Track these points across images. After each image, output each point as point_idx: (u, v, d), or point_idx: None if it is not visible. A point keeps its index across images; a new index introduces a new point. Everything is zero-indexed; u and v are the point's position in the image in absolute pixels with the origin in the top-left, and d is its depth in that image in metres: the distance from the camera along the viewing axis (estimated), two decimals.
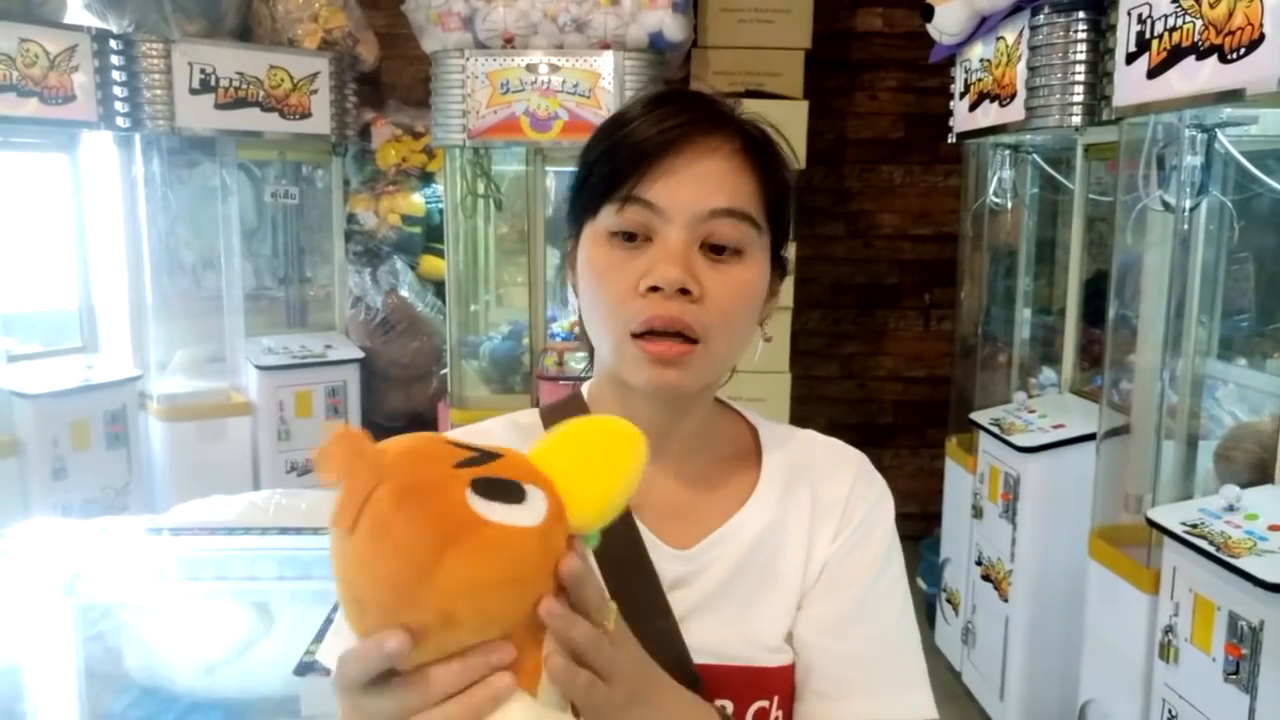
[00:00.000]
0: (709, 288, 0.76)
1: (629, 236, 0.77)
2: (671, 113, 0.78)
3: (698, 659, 0.79)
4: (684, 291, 0.74)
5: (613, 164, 0.77)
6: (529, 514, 0.56)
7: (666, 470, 0.84)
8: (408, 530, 0.54)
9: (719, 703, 0.79)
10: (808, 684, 0.83)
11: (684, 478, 0.86)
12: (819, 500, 0.87)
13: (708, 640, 0.80)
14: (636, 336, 0.76)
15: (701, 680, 0.78)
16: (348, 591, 0.57)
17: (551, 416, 0.87)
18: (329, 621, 1.73)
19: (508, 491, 0.56)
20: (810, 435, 0.92)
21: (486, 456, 0.58)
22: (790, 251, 0.88)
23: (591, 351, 0.89)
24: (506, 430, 0.87)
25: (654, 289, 0.75)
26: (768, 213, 0.80)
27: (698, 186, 0.76)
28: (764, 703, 0.82)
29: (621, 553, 0.79)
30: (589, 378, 0.91)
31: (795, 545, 0.85)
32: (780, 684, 0.82)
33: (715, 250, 0.77)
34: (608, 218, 0.78)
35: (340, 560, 0.57)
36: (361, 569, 0.55)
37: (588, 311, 0.82)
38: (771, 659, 0.82)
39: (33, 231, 3.60)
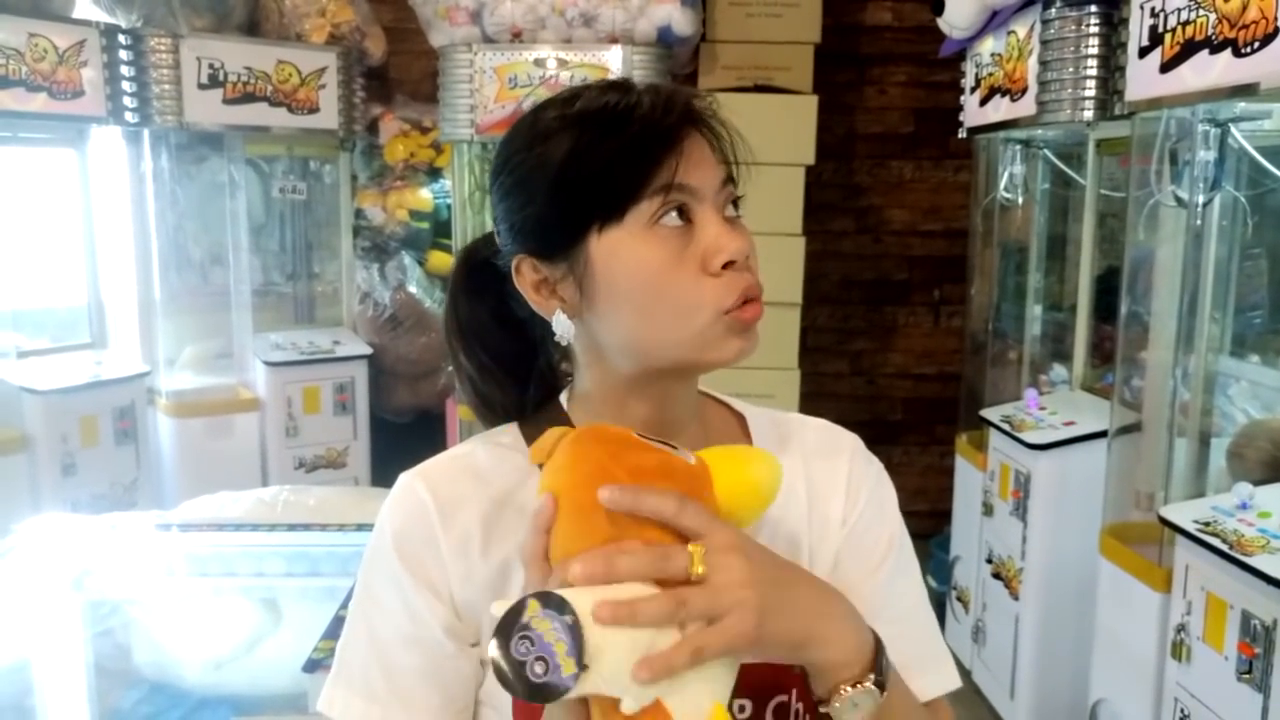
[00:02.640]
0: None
1: (683, 217, 0.76)
2: (658, 96, 0.77)
3: None
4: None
5: (645, 156, 0.74)
6: (682, 455, 0.71)
7: None
8: (592, 436, 0.71)
9: (738, 702, 0.78)
10: None
11: None
12: (815, 483, 0.86)
13: None
14: (729, 312, 0.76)
15: None
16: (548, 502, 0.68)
17: (531, 431, 0.84)
18: (338, 619, 1.73)
19: (667, 442, 0.71)
20: (798, 418, 0.92)
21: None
22: (799, 243, 0.88)
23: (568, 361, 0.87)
24: (489, 452, 0.84)
25: (728, 264, 0.76)
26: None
27: (708, 162, 0.77)
28: (783, 697, 0.81)
29: None
30: None
31: (797, 531, 0.84)
32: (798, 678, 0.80)
33: (729, 217, 0.78)
34: (644, 212, 0.74)
35: (543, 480, 0.70)
36: (556, 470, 0.69)
37: (639, 314, 0.77)
38: None
39: (41, 227, 3.61)
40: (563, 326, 0.79)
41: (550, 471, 0.69)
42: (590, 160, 0.75)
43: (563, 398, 0.87)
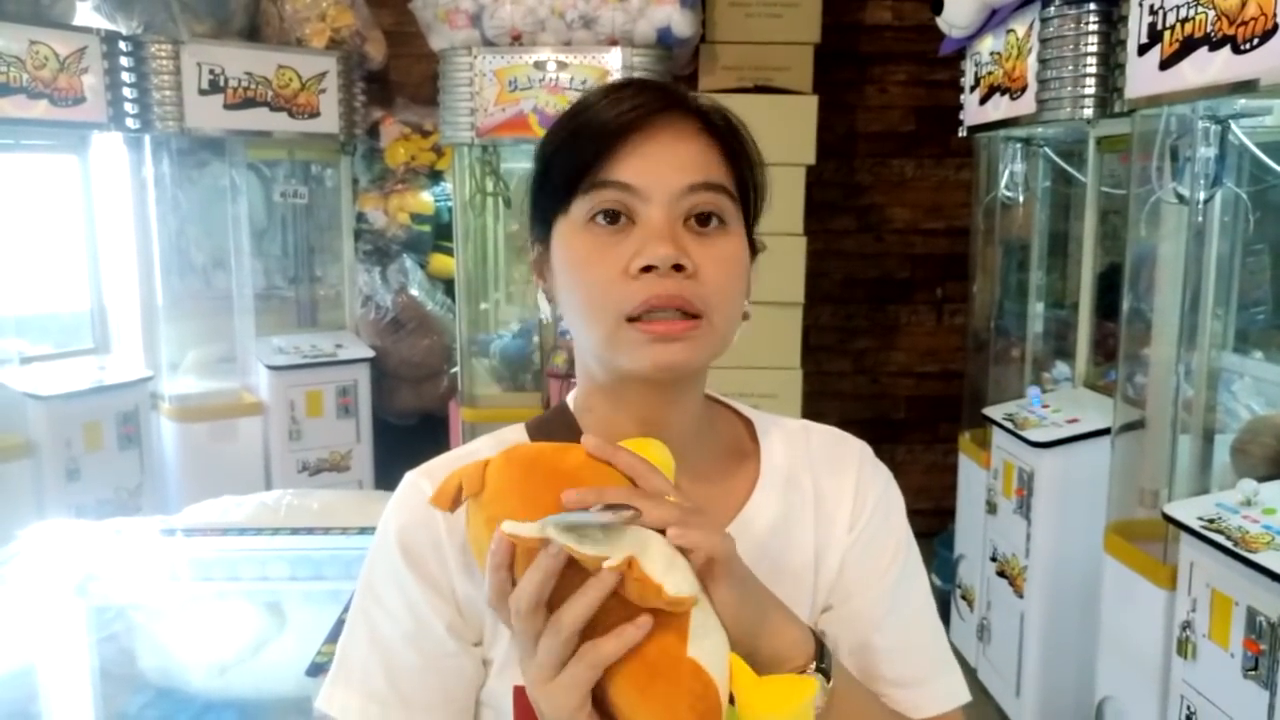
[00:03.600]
0: (699, 262, 0.74)
1: (612, 217, 0.74)
2: (629, 95, 0.76)
3: None
4: (678, 269, 0.73)
5: (577, 150, 0.75)
6: None
7: None
8: (522, 453, 0.69)
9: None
10: None
11: (684, 474, 0.85)
12: (822, 489, 0.86)
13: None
14: (633, 320, 0.73)
15: None
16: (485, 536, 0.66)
17: (539, 432, 0.85)
18: (340, 622, 1.73)
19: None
20: (805, 425, 0.91)
21: None
22: (801, 243, 0.87)
23: (571, 360, 0.87)
24: (494, 448, 0.83)
25: (646, 269, 0.73)
26: (738, 189, 0.79)
27: (670, 163, 0.75)
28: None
29: None
30: None
31: (803, 537, 0.84)
32: None
33: (699, 224, 0.75)
34: (582, 205, 0.75)
35: (483, 513, 0.67)
36: (499, 496, 0.66)
37: (571, 306, 0.78)
38: None
39: (44, 233, 3.62)
40: (543, 305, 0.83)
41: (494, 499, 0.66)
42: (545, 150, 0.79)
43: (570, 399, 0.87)
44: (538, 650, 0.62)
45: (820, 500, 0.85)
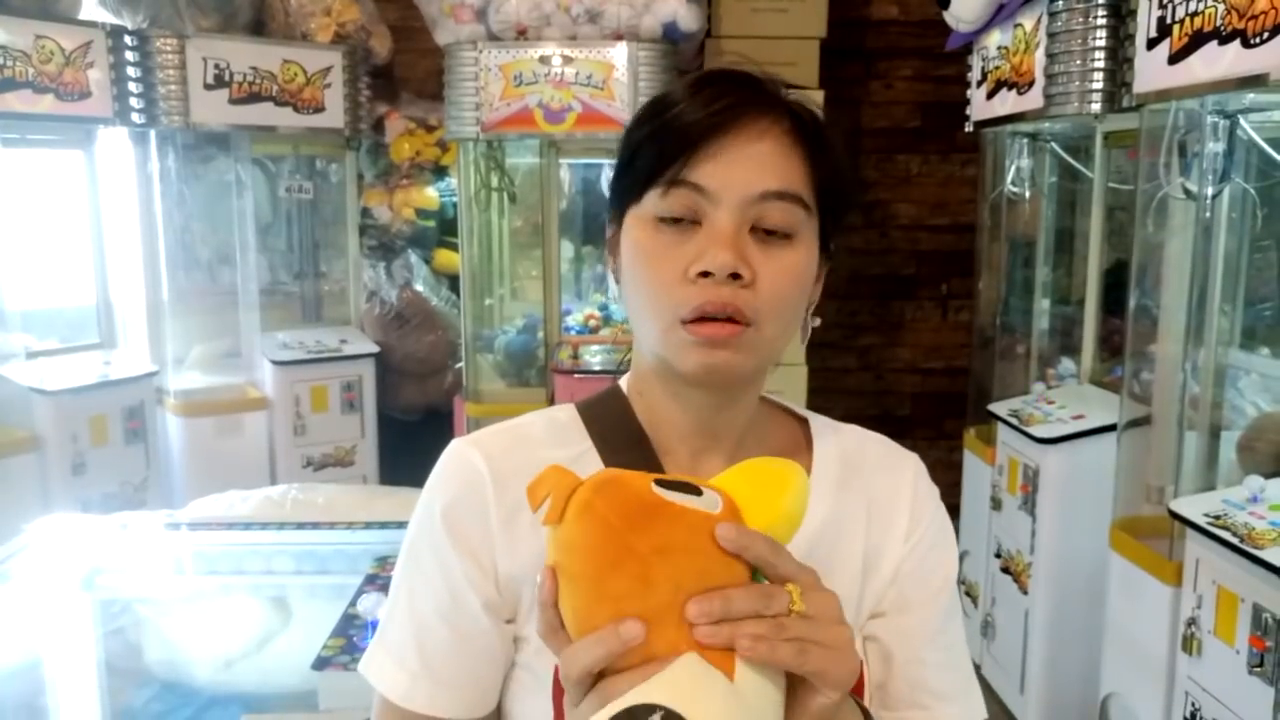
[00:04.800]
0: (760, 272, 0.74)
1: (676, 221, 0.75)
2: (718, 93, 0.76)
3: None
4: (735, 276, 0.73)
5: (659, 147, 0.75)
6: (707, 504, 0.64)
7: (717, 465, 0.82)
8: (607, 506, 0.62)
9: None
10: (903, 695, 0.83)
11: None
12: (875, 495, 0.86)
13: None
14: (686, 323, 0.74)
15: None
16: (560, 576, 0.64)
17: (589, 411, 0.86)
18: (346, 616, 1.74)
19: (687, 487, 0.65)
20: (861, 430, 0.91)
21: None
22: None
23: (626, 345, 0.88)
24: (546, 427, 0.85)
25: (704, 274, 0.73)
26: (817, 195, 0.78)
27: (747, 168, 0.74)
28: None
29: None
30: (606, 371, 0.89)
31: (851, 540, 0.84)
32: None
33: (766, 233, 0.75)
34: (653, 202, 0.76)
35: (552, 549, 0.64)
36: (570, 548, 0.63)
37: (633, 298, 0.79)
38: None
39: (49, 228, 3.62)
40: (611, 283, 0.84)
41: (565, 546, 0.63)
42: (629, 140, 0.79)
43: (623, 382, 0.87)
44: (580, 707, 0.63)
45: (873, 505, 0.86)
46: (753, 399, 0.85)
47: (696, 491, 0.65)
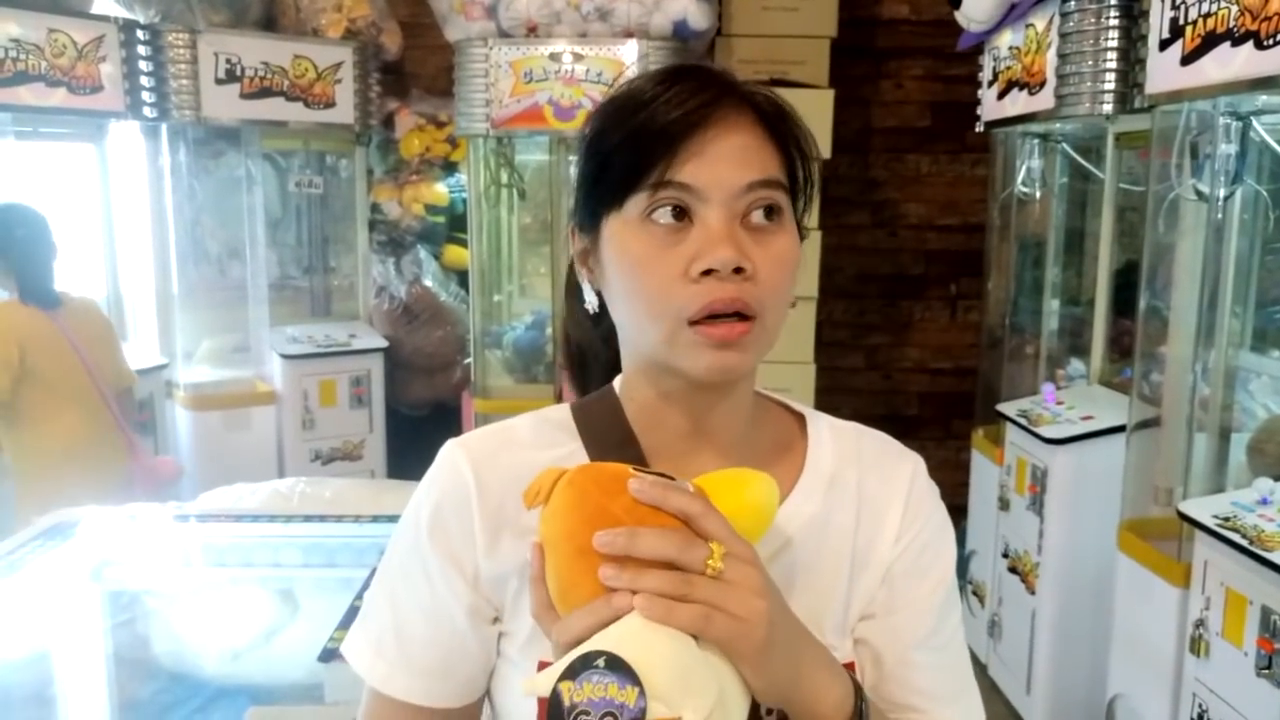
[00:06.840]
0: (757, 263, 0.74)
1: (676, 212, 0.74)
2: (690, 90, 0.75)
3: None
4: (738, 271, 0.73)
5: (638, 149, 0.75)
6: (682, 488, 0.69)
7: (710, 461, 0.82)
8: (585, 477, 0.69)
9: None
10: (895, 697, 0.83)
11: (729, 466, 0.84)
12: (868, 493, 0.85)
13: None
14: (694, 323, 0.74)
15: None
16: (545, 548, 0.68)
17: (582, 412, 0.85)
18: (353, 609, 1.74)
19: (665, 474, 0.69)
20: (860, 428, 0.90)
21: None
22: (815, 237, 0.86)
23: (611, 348, 0.87)
24: (535, 428, 0.85)
25: (707, 272, 0.73)
26: (789, 179, 0.79)
27: (731, 162, 0.74)
28: None
29: None
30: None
31: (842, 538, 0.83)
32: None
33: (755, 224, 0.75)
34: (639, 205, 0.75)
35: (539, 529, 0.69)
36: (552, 516, 0.68)
37: (625, 304, 0.78)
38: None
39: (60, 222, 3.63)
40: (589, 296, 0.82)
41: (548, 517, 0.68)
42: (601, 146, 0.77)
43: (616, 384, 0.87)
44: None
45: (865, 504, 0.85)
46: (748, 394, 0.84)
47: (672, 479, 0.69)
